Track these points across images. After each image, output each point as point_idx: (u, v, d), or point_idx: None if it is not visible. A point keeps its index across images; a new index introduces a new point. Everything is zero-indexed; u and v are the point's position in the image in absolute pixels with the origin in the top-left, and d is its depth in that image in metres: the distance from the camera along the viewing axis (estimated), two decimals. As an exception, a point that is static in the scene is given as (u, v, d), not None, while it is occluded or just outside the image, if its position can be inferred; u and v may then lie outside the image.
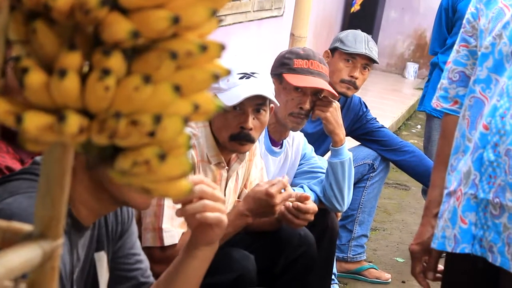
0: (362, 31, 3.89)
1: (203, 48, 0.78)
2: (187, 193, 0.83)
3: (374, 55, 3.75)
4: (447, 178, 2.19)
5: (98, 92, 0.75)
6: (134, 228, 1.93)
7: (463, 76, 2.25)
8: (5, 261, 0.81)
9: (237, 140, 2.56)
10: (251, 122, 2.56)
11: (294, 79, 3.04)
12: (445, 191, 2.19)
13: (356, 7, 10.36)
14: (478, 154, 2.04)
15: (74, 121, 0.75)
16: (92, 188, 1.60)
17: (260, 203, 2.51)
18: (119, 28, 0.75)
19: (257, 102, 2.57)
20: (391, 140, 4.05)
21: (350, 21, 10.06)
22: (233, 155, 2.67)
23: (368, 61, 3.74)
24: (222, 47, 0.80)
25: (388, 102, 8.69)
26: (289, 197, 2.59)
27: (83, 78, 0.77)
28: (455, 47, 2.27)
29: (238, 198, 2.73)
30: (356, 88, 3.74)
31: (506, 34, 2.05)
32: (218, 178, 2.61)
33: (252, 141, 2.59)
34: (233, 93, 2.48)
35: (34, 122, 0.76)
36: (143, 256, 1.94)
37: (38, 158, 1.70)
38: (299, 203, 2.64)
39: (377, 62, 3.82)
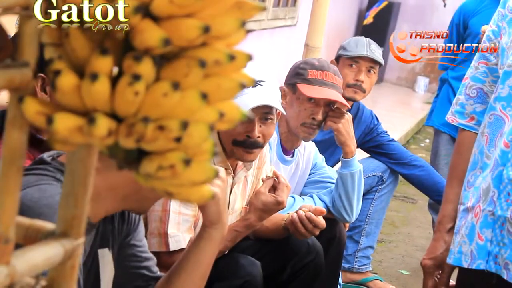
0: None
1: (231, 57, 0.80)
2: (208, 198, 0.85)
3: (378, 56, 3.71)
4: (463, 194, 2.19)
5: (127, 96, 0.77)
6: (142, 226, 1.98)
7: (481, 93, 2.25)
8: (28, 258, 0.83)
9: (242, 146, 2.57)
10: (258, 130, 2.57)
11: (307, 90, 3.05)
12: (462, 207, 2.18)
13: (369, 19, 10.40)
14: (498, 172, 2.04)
15: (103, 124, 0.77)
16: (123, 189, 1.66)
17: (271, 213, 2.57)
18: (151, 35, 0.77)
19: (264, 111, 2.58)
20: (401, 153, 4.05)
21: (363, 33, 10.06)
22: (240, 163, 2.69)
23: (372, 63, 3.72)
24: (249, 57, 0.82)
25: (398, 115, 8.70)
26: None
27: (113, 82, 0.79)
28: (473, 63, 2.27)
29: (247, 205, 2.75)
30: (364, 91, 3.73)
31: None
32: (224, 184, 2.62)
33: (260, 146, 2.60)
34: (240, 101, 2.48)
35: (64, 124, 0.78)
36: (150, 254, 2.00)
37: (45, 155, 1.73)
38: (312, 214, 2.66)
39: (381, 64, 3.79)
